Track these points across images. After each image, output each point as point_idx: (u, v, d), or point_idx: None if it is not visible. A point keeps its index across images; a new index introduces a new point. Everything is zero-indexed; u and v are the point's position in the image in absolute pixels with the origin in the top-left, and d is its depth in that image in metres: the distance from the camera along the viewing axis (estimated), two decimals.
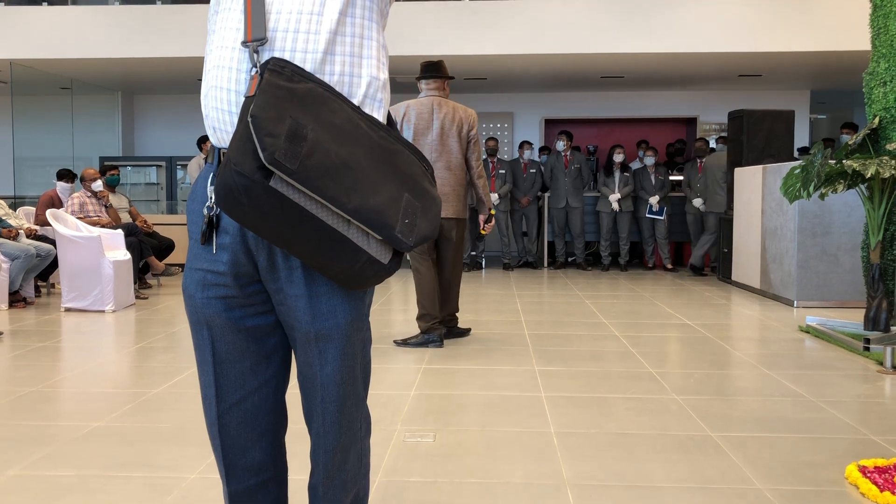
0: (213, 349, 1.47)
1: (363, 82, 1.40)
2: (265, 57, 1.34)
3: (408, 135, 5.01)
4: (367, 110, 1.41)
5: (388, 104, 1.45)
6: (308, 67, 1.35)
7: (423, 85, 5.14)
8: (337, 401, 1.46)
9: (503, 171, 9.77)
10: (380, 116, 1.43)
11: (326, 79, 1.37)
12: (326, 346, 1.44)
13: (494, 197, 9.56)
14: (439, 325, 5.00)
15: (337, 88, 1.37)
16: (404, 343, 4.96)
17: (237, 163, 1.25)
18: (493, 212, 5.23)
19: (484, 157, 9.61)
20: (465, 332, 5.29)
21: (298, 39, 1.35)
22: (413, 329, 5.30)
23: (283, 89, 1.28)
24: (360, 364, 1.50)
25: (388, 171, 1.36)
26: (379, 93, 1.43)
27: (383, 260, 1.37)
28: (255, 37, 1.34)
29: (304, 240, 1.32)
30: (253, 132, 1.23)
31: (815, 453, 2.95)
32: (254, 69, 1.33)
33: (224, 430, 1.51)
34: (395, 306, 6.72)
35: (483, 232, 5.24)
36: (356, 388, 1.49)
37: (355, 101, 1.39)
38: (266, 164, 1.23)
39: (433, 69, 5.10)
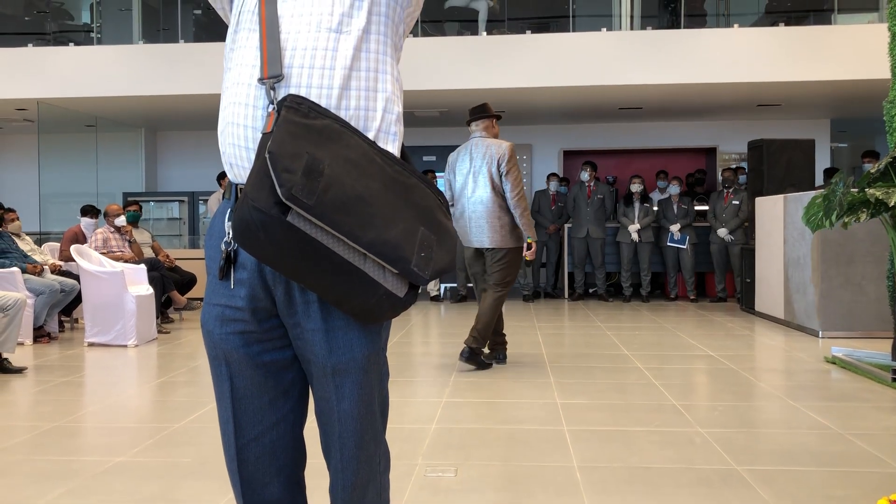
0: (232, 384, 1.47)
1: (378, 116, 1.41)
2: (281, 93, 1.35)
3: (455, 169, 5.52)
4: (381, 144, 1.41)
5: (402, 137, 1.46)
6: (324, 103, 1.36)
7: (472, 127, 5.55)
8: (354, 436, 1.45)
9: None
10: (394, 149, 1.43)
11: (342, 113, 1.38)
12: (343, 381, 1.43)
13: None
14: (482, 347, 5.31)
15: (352, 123, 1.38)
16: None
17: (254, 198, 1.26)
18: (530, 241, 5.33)
19: None
20: (486, 365, 5.28)
21: (314, 75, 1.37)
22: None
23: (299, 126, 1.29)
24: (378, 398, 1.49)
25: (403, 205, 1.36)
26: (393, 126, 1.43)
27: (399, 293, 1.37)
28: (272, 73, 1.35)
29: (320, 274, 1.32)
30: (270, 168, 1.24)
31: (845, 487, 2.89)
32: (270, 106, 1.34)
33: (243, 465, 1.50)
34: (415, 339, 6.70)
35: (526, 257, 5.42)
36: (374, 423, 1.48)
37: (370, 135, 1.40)
38: (283, 200, 1.24)
39: (477, 111, 5.57)
